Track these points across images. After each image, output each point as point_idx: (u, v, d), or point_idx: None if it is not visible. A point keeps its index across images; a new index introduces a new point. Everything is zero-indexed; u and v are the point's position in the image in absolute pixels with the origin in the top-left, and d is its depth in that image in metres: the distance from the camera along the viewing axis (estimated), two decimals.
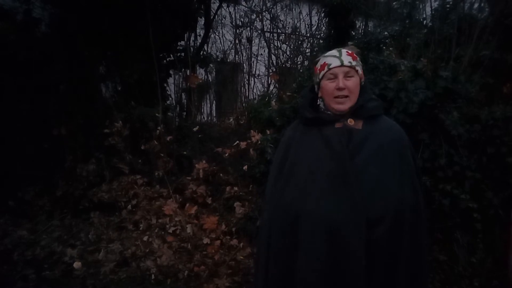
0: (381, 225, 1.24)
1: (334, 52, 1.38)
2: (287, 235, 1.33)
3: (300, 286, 1.30)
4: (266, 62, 6.71)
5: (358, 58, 1.38)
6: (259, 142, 3.34)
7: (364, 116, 1.36)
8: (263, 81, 6.57)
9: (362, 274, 1.23)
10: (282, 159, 1.44)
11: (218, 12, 5.78)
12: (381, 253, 1.25)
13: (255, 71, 6.51)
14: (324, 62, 1.37)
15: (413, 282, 1.31)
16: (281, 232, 1.36)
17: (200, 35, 5.37)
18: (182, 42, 4.83)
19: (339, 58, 1.35)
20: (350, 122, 1.35)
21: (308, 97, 1.48)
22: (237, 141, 3.47)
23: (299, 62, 6.67)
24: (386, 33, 4.30)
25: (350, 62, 1.34)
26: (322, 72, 1.37)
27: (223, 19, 6.42)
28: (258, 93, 5.98)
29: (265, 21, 6.68)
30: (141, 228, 3.15)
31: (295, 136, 1.45)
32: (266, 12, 6.75)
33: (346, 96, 1.33)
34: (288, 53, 6.76)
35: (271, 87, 6.32)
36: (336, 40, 4.39)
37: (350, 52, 1.37)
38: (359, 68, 1.37)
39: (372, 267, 1.24)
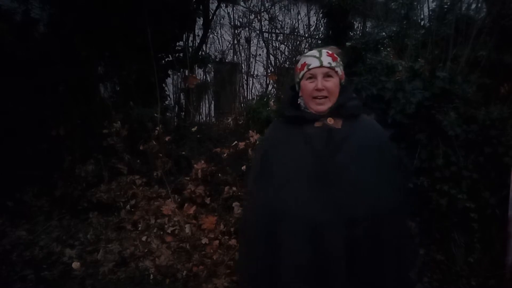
0: (362, 224, 1.25)
1: (314, 52, 1.38)
2: (268, 235, 1.33)
3: (282, 285, 1.30)
4: (265, 62, 6.72)
5: (338, 59, 1.38)
6: (257, 142, 3.34)
7: (343, 115, 1.36)
8: (261, 81, 6.57)
9: (343, 273, 1.24)
10: (262, 158, 1.45)
11: (217, 13, 5.78)
12: (362, 252, 1.26)
13: (254, 72, 6.51)
14: (304, 62, 1.37)
15: (395, 279, 1.32)
16: (263, 232, 1.35)
17: (198, 36, 5.37)
18: (181, 43, 4.83)
19: (318, 59, 1.35)
20: (330, 121, 1.35)
21: (289, 95, 1.48)
22: (236, 141, 3.47)
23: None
24: (384, 33, 4.32)
25: (329, 63, 1.34)
26: (302, 72, 1.37)
27: (222, 19, 6.42)
28: (257, 93, 5.97)
29: (264, 21, 6.68)
30: (139, 228, 3.15)
31: (276, 134, 1.46)
32: (265, 12, 6.75)
33: (325, 97, 1.34)
34: (286, 53, 6.76)
35: (270, 87, 6.32)
36: (334, 40, 4.39)
37: (330, 52, 1.37)
38: (338, 69, 1.37)
39: (353, 265, 1.25)
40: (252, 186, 1.46)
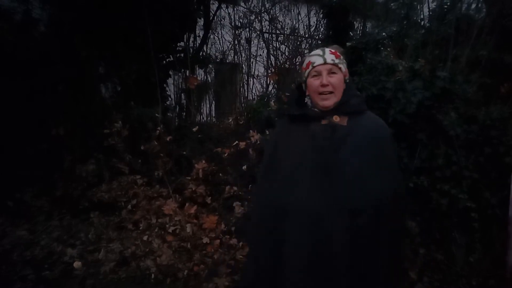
0: (362, 215, 1.30)
1: (318, 51, 1.45)
2: (274, 228, 1.39)
3: (287, 275, 1.35)
4: (265, 62, 6.72)
5: (341, 57, 1.45)
6: (258, 142, 3.35)
7: (348, 112, 1.41)
8: (262, 81, 6.57)
9: (345, 262, 1.29)
10: (270, 155, 1.52)
11: (217, 13, 5.80)
12: (362, 242, 1.30)
13: (254, 72, 6.51)
14: (309, 61, 1.44)
15: (391, 267, 1.38)
16: (269, 226, 1.42)
17: (199, 36, 5.38)
18: (182, 43, 4.84)
19: (322, 57, 1.41)
20: (336, 118, 1.40)
21: (294, 95, 1.55)
22: (236, 141, 3.47)
23: (297, 63, 6.68)
24: (384, 33, 4.32)
25: (333, 60, 1.41)
26: (307, 71, 1.44)
27: (222, 20, 6.43)
28: (257, 94, 5.98)
29: (264, 22, 6.69)
30: (141, 228, 3.14)
31: (282, 132, 1.53)
32: (265, 13, 6.75)
33: (331, 92, 1.39)
34: (286, 53, 6.77)
35: (270, 88, 6.33)
36: (334, 40, 4.39)
37: (333, 51, 1.44)
38: (342, 66, 1.43)
39: (354, 254, 1.30)
40: (259, 183, 1.54)
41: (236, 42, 6.52)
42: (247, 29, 6.62)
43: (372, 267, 1.31)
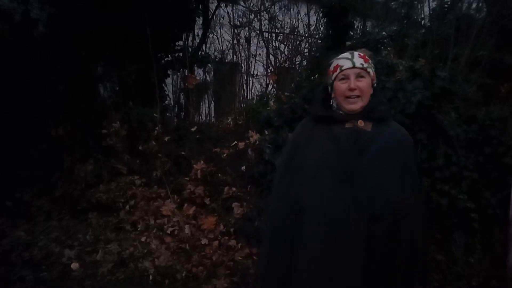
0: (381, 221, 1.29)
1: (346, 54, 1.44)
2: (290, 228, 1.38)
3: (299, 276, 1.35)
4: (265, 62, 6.72)
5: (370, 61, 1.44)
6: (257, 142, 3.34)
7: (373, 118, 1.41)
8: (261, 81, 6.57)
9: (358, 267, 1.28)
10: (290, 154, 1.51)
11: (216, 12, 5.78)
12: (378, 248, 1.29)
13: (254, 71, 6.50)
14: (337, 64, 1.43)
15: (410, 278, 1.36)
16: (284, 225, 1.41)
17: (198, 35, 5.37)
18: (180, 42, 4.82)
19: (351, 60, 1.40)
20: (360, 123, 1.39)
21: (320, 96, 1.53)
22: (235, 142, 3.47)
23: (297, 62, 6.68)
24: (384, 33, 4.32)
25: (361, 64, 1.39)
26: (335, 74, 1.42)
27: (221, 19, 6.42)
28: (257, 93, 5.97)
29: (264, 21, 6.69)
30: (139, 229, 3.14)
31: (305, 132, 1.51)
32: (265, 12, 6.75)
33: (358, 96, 1.38)
34: (286, 53, 6.76)
35: (270, 87, 6.32)
36: (334, 40, 4.40)
37: (362, 54, 1.43)
38: (370, 70, 1.42)
39: (368, 260, 1.29)
40: (278, 182, 1.53)
41: (235, 41, 6.51)
42: (247, 28, 6.61)
43: (387, 274, 1.30)
